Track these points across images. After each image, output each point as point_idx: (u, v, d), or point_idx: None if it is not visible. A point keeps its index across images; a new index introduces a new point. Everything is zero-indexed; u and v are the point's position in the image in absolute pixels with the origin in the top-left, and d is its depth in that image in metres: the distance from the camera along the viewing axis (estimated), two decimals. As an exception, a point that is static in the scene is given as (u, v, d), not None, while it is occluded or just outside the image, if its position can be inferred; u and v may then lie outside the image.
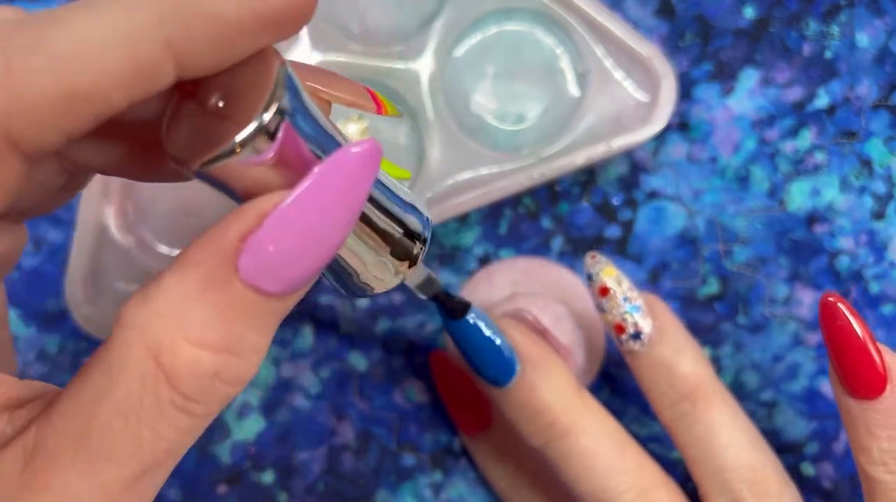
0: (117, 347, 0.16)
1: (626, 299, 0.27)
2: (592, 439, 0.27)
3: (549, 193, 0.33)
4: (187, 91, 0.17)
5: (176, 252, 0.33)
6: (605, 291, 0.27)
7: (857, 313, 0.25)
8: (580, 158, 0.31)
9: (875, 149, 0.33)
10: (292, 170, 0.17)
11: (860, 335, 0.24)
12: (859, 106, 0.33)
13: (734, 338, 0.33)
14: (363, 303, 0.33)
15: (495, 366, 0.27)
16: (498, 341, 0.27)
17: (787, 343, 0.33)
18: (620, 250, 0.33)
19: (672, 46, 0.33)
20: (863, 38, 0.33)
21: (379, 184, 0.20)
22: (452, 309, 0.26)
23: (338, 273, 0.21)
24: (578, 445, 0.27)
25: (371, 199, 0.20)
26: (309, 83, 0.19)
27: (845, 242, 0.33)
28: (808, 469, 0.33)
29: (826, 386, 0.33)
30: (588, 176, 0.33)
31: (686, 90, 0.33)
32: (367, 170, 0.17)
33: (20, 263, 0.33)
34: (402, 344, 0.33)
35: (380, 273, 0.21)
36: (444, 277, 0.33)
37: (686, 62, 0.33)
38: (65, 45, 0.15)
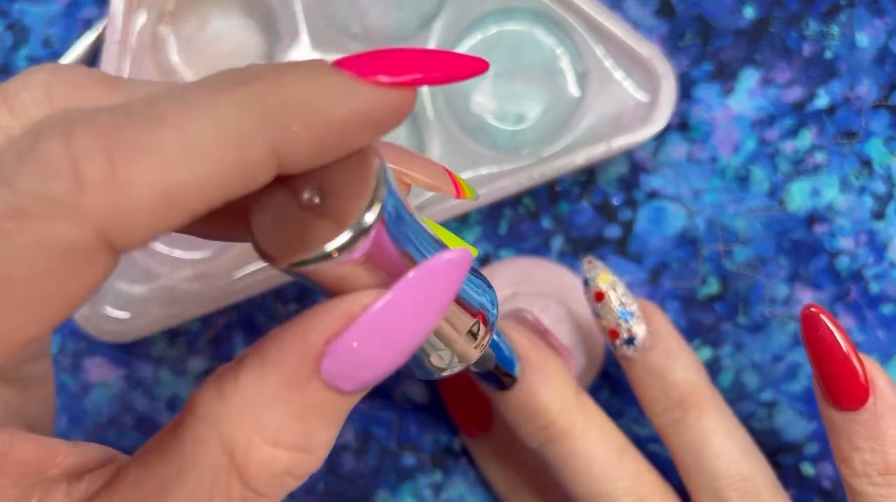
0: (191, 439, 0.16)
1: (620, 304, 0.27)
2: (590, 442, 0.27)
3: (549, 193, 0.33)
4: (279, 177, 0.16)
5: (177, 252, 0.33)
6: (600, 296, 0.27)
7: (839, 324, 0.25)
8: (580, 158, 0.31)
9: (875, 149, 0.33)
10: (382, 268, 0.16)
11: (843, 347, 0.24)
12: (859, 106, 0.33)
13: (734, 338, 0.33)
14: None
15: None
16: (498, 342, 0.27)
17: (787, 343, 0.33)
18: (620, 250, 0.33)
19: (672, 46, 0.33)
20: (863, 38, 0.33)
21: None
22: (501, 382, 0.27)
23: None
24: (575, 448, 0.27)
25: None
26: (391, 165, 0.19)
27: (845, 242, 0.33)
28: (807, 469, 0.33)
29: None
30: (588, 176, 0.33)
31: (686, 90, 0.33)
32: (456, 277, 0.16)
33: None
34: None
35: (448, 358, 0.21)
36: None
37: (686, 62, 0.33)
38: (172, 149, 0.14)
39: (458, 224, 0.33)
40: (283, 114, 0.15)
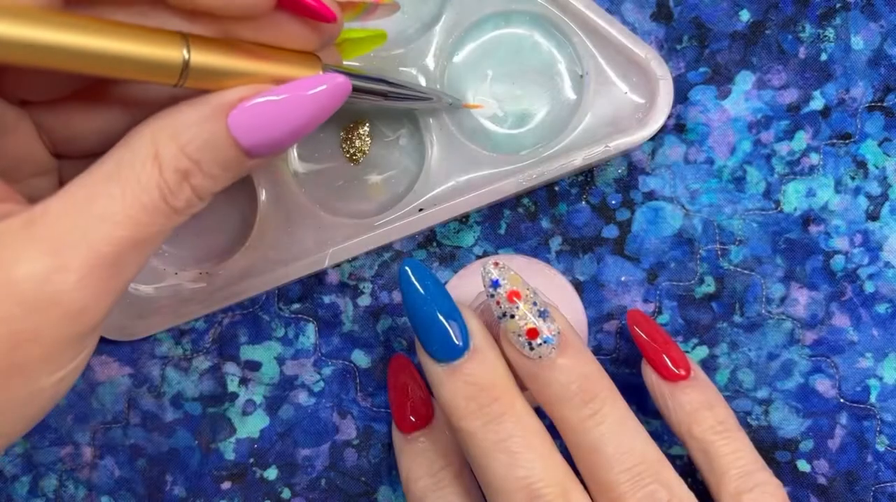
0: (126, 141, 0.23)
1: (535, 304, 0.27)
2: (531, 422, 0.26)
3: (547, 194, 0.34)
4: None
5: (183, 252, 0.33)
6: (517, 295, 0.27)
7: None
8: (579, 159, 0.32)
9: (870, 150, 0.33)
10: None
11: (666, 333, 0.31)
12: (854, 108, 0.33)
13: (730, 336, 0.33)
14: (364, 301, 0.34)
15: (447, 342, 0.27)
16: (454, 320, 0.27)
17: (782, 341, 0.33)
18: (618, 250, 0.33)
19: (669, 49, 0.34)
20: (858, 41, 0.33)
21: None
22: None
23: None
24: (520, 424, 0.26)
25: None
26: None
27: (840, 243, 0.33)
28: (803, 465, 0.33)
29: (821, 384, 0.33)
30: (586, 177, 0.34)
31: (683, 92, 0.33)
32: (336, 97, 0.24)
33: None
34: (404, 342, 0.34)
35: None
36: (444, 276, 0.34)
37: (683, 65, 0.34)
38: None
39: (459, 224, 0.34)
40: None
